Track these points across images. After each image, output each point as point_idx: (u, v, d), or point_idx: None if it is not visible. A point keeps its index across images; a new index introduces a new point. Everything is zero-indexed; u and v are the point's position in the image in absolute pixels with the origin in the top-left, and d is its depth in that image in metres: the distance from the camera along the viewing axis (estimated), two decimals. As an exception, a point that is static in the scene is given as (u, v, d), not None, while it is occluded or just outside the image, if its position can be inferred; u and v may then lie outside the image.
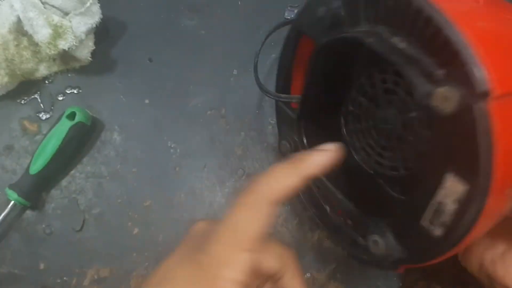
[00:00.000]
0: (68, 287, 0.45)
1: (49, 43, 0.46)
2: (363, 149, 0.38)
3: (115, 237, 0.46)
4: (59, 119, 0.47)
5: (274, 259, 0.28)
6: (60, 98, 0.51)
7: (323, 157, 0.28)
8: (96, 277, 0.45)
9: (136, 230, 0.46)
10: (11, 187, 0.45)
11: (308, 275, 0.45)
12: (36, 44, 0.47)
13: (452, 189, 0.24)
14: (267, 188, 0.26)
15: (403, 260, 0.29)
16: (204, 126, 0.49)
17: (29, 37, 0.47)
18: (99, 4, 0.48)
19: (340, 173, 0.33)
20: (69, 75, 0.51)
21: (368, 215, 0.32)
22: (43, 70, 0.50)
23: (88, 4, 0.47)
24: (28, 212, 0.47)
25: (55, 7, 0.47)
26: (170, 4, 0.54)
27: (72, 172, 0.48)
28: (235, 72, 0.51)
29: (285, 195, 0.26)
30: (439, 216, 0.25)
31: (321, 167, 0.28)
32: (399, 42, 0.26)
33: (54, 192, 0.48)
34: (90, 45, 0.50)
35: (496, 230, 0.28)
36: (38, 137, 0.49)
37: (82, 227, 0.46)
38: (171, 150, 0.48)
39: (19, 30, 0.47)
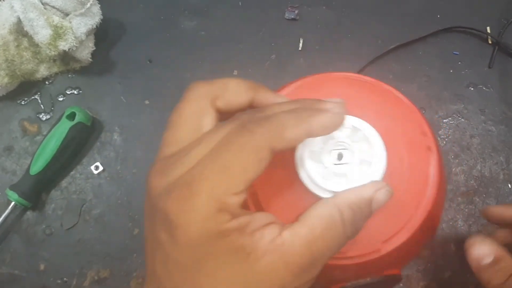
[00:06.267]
0: (68, 288, 0.45)
1: (49, 44, 0.46)
2: None
3: (115, 238, 0.46)
4: (59, 119, 0.47)
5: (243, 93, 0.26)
6: (60, 99, 0.51)
7: (332, 119, 0.25)
8: (96, 278, 0.45)
9: (136, 231, 0.46)
10: (12, 188, 0.45)
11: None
12: (36, 45, 0.47)
13: None
14: (272, 135, 0.23)
15: None
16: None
17: (29, 38, 0.47)
18: (99, 5, 0.49)
19: None
20: (69, 76, 0.52)
21: None
22: (43, 71, 0.50)
23: (88, 5, 0.47)
24: (28, 213, 0.47)
25: (56, 8, 0.48)
26: (170, 5, 0.54)
27: (72, 173, 0.48)
28: (235, 73, 0.51)
29: (288, 147, 0.23)
30: None
31: (328, 129, 0.25)
32: None
33: (54, 193, 0.47)
34: (90, 46, 0.50)
35: None
36: (38, 138, 0.49)
37: (75, 225, 0.46)
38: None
39: (19, 31, 0.47)
